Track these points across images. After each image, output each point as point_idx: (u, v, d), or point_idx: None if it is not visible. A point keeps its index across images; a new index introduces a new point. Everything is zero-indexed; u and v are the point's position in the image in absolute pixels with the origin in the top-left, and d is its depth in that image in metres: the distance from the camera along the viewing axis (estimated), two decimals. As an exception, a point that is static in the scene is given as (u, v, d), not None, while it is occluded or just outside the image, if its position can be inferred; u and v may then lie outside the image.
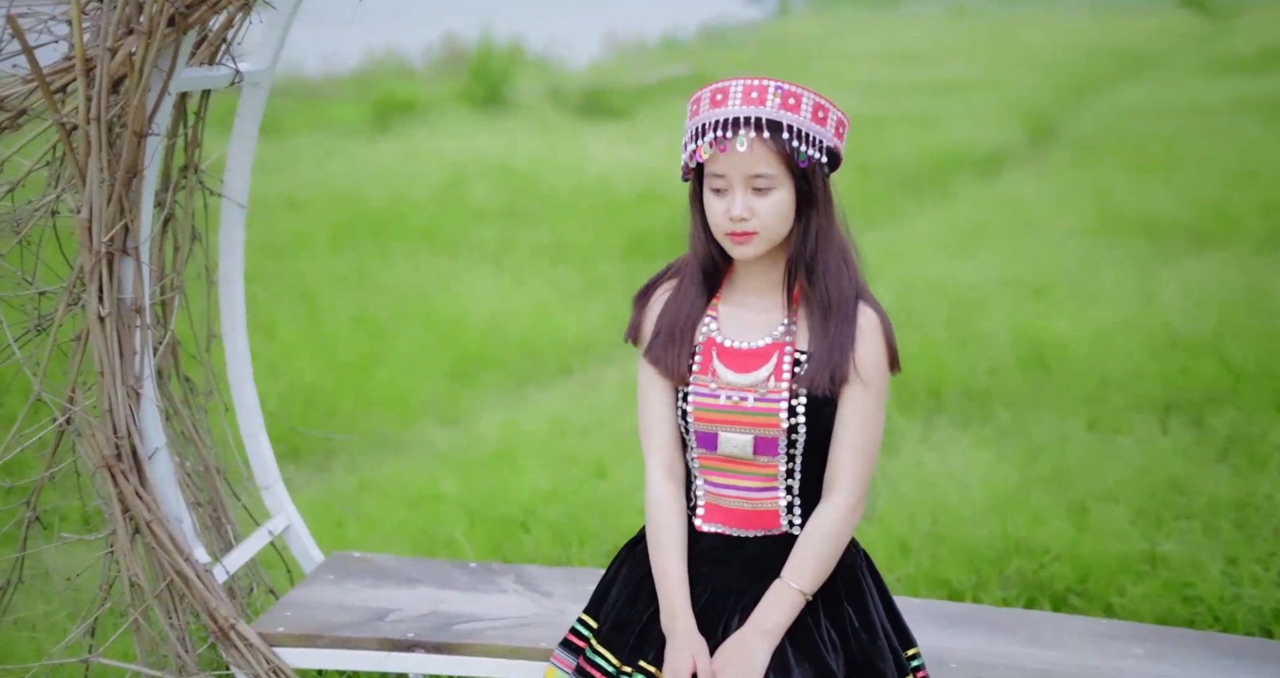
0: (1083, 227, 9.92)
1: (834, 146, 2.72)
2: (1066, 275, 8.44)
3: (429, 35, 20.30)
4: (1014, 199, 11.25)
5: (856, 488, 2.77)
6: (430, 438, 6.57)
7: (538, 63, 20.45)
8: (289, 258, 9.03)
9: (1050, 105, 16.72)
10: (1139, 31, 26.26)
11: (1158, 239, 9.51)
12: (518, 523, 5.41)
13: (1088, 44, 23.69)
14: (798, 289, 2.79)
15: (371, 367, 7.34)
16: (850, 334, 2.76)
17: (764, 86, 2.66)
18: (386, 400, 6.94)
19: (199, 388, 3.79)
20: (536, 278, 9.10)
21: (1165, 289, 7.91)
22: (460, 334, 7.88)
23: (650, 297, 2.96)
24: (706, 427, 2.79)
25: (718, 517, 2.84)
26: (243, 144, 3.57)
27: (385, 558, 3.86)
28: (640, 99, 16.70)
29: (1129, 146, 13.25)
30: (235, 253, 3.66)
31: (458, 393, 7.21)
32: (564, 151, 12.59)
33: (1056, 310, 7.59)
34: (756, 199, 2.67)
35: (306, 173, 11.47)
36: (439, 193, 10.95)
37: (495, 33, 18.76)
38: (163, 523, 3.15)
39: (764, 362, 2.77)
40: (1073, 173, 12.34)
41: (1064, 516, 4.96)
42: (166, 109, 3.09)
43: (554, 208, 10.64)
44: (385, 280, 8.83)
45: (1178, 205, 10.34)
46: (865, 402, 2.76)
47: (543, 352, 7.81)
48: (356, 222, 10.07)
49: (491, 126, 14.25)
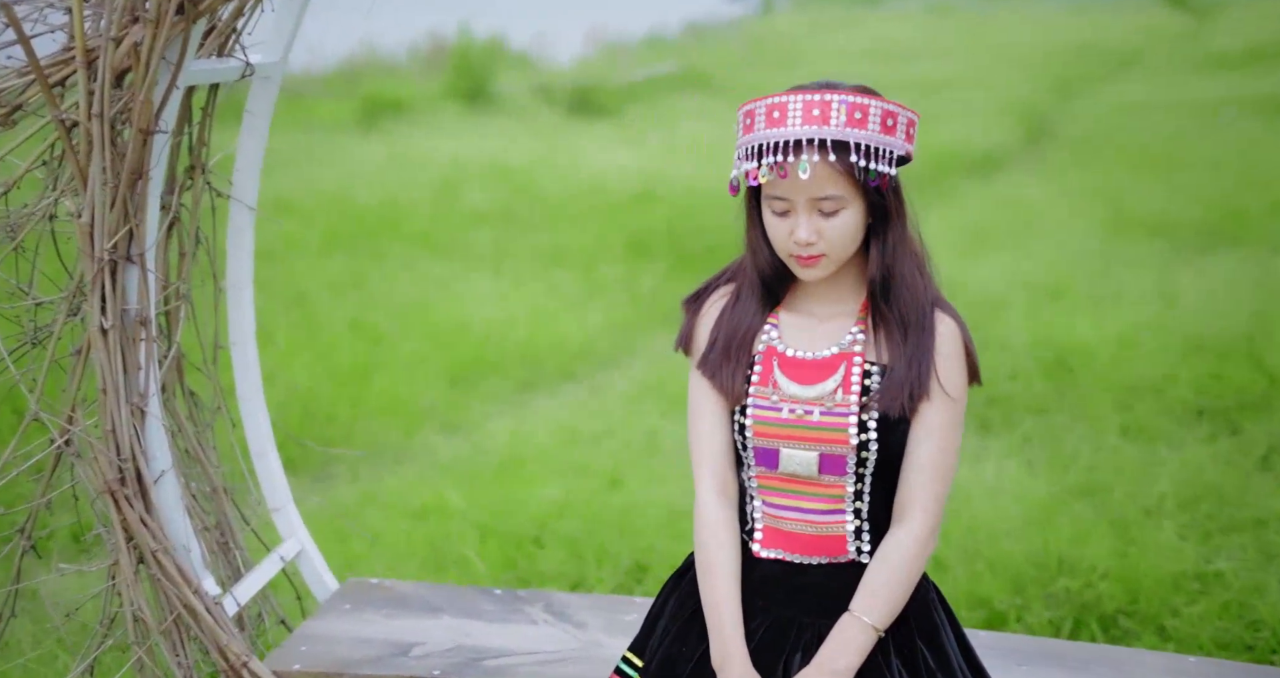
0: (1092, 227, 9.72)
1: (906, 152, 2.48)
2: (1081, 276, 8.23)
3: (411, 31, 20.07)
4: (1017, 199, 11.05)
5: (932, 513, 2.53)
6: (433, 447, 6.33)
7: (522, 60, 20.22)
8: (281, 262, 8.78)
9: (1041, 103, 16.54)
10: (1122, 29, 26.13)
11: (1170, 239, 9.29)
12: (530, 538, 5.18)
13: (1071, 41, 23.55)
14: (866, 299, 2.57)
15: (370, 373, 7.10)
16: (929, 346, 2.53)
17: (826, 102, 2.41)
18: (386, 408, 6.71)
19: (205, 403, 3.53)
20: (535, 281, 8.87)
21: (1186, 290, 7.70)
22: (459, 339, 7.64)
23: (704, 302, 2.73)
24: (767, 443, 2.55)
25: (777, 541, 2.60)
26: (253, 142, 3.33)
27: (404, 584, 3.61)
28: (628, 97, 16.47)
29: (1128, 145, 13.06)
30: (244, 258, 3.41)
31: (459, 400, 6.98)
32: (556, 151, 12.37)
33: (1076, 313, 7.37)
34: (823, 220, 2.45)
35: (295, 173, 11.21)
36: (432, 194, 10.71)
37: (479, 29, 18.51)
38: (169, 552, 2.90)
39: (830, 373, 2.54)
40: (1074, 172, 12.14)
41: (1107, 531, 4.74)
42: (174, 104, 2.84)
43: (550, 210, 10.41)
44: (381, 285, 8.59)
45: (1186, 204, 10.14)
46: (943, 419, 2.53)
47: (544, 357, 7.59)
48: (349, 224, 9.82)
49: (481, 126, 14.00)
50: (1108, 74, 19.83)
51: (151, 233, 2.89)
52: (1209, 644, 4.08)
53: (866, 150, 2.41)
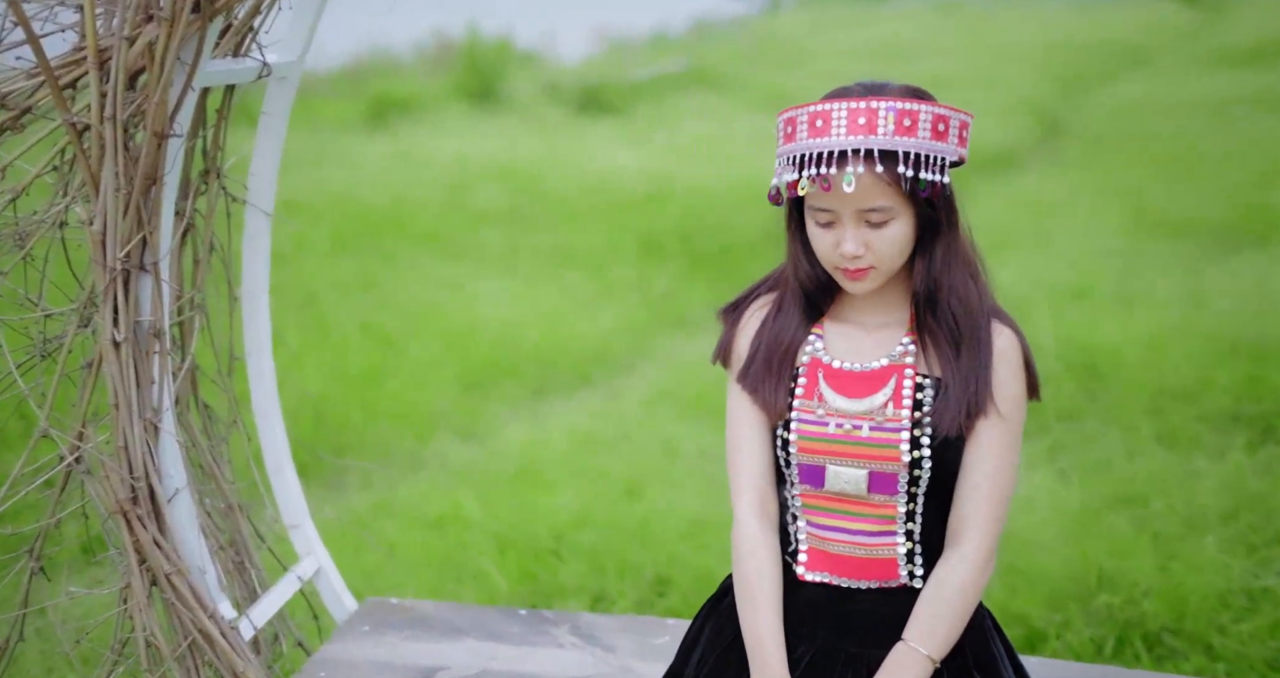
0: (1113, 225, 9.55)
1: (959, 157, 2.34)
2: (1105, 277, 8.06)
3: (417, 30, 19.94)
4: (1034, 198, 10.88)
5: (990, 536, 2.39)
6: (447, 453, 6.20)
7: (529, 58, 20.08)
8: (290, 264, 8.63)
9: (1051, 101, 16.38)
10: (1128, 25, 25.93)
11: (1194, 237, 9.13)
12: (549, 550, 5.05)
13: (1077, 39, 23.37)
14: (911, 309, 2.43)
15: (382, 377, 6.97)
16: (986, 360, 2.39)
17: (873, 110, 2.26)
18: (398, 413, 6.58)
19: (219, 416, 3.39)
20: (546, 283, 8.73)
21: (1215, 290, 7.52)
22: (471, 343, 7.51)
23: (743, 312, 2.59)
24: (812, 459, 2.41)
25: (823, 564, 2.46)
26: (269, 145, 3.19)
27: (425, 604, 3.46)
28: (635, 96, 16.31)
29: (1144, 142, 12.89)
30: (260, 265, 3.27)
31: (472, 404, 6.85)
32: (564, 150, 12.20)
33: (1102, 314, 7.21)
34: (871, 232, 2.31)
35: (302, 174, 11.06)
36: (440, 194, 10.56)
37: (485, 28, 18.37)
38: (184, 575, 2.75)
39: (880, 386, 2.40)
40: (1090, 170, 11.97)
41: (1147, 544, 4.58)
42: (189, 106, 2.70)
43: (559, 209, 10.26)
44: (391, 287, 8.44)
45: (1208, 202, 9.97)
46: (1002, 437, 2.39)
47: (558, 360, 7.45)
48: (357, 225, 9.67)
49: (488, 125, 13.83)
50: (1116, 71, 19.66)
51: (166, 240, 2.75)
52: (1261, 665, 3.93)
53: (916, 159, 2.27)
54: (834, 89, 2.38)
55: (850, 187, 2.23)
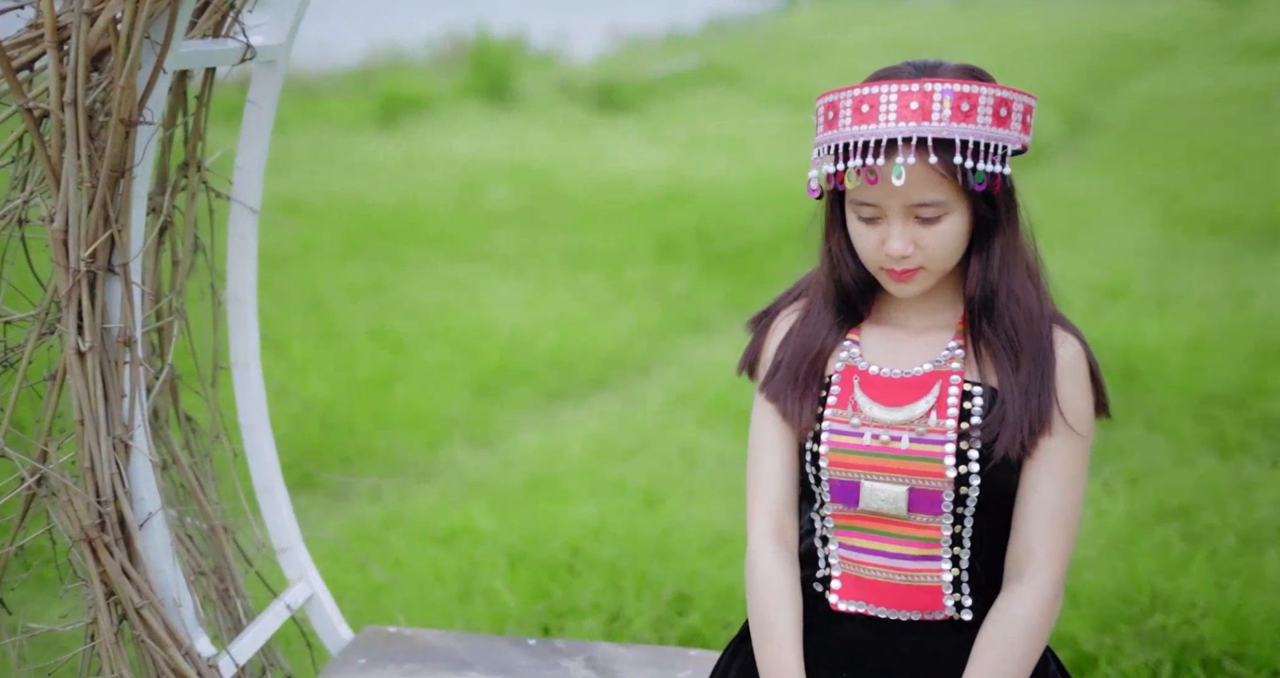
0: (1147, 222, 9.25)
1: (1022, 146, 2.08)
2: (1142, 276, 7.76)
3: (430, 29, 19.77)
4: (1064, 195, 10.57)
5: (1057, 570, 2.13)
6: (459, 462, 5.94)
7: (543, 57, 19.87)
8: (296, 266, 8.38)
9: (1076, 96, 16.08)
10: (1151, 20, 25.67)
11: (1230, 234, 8.82)
12: (564, 565, 4.78)
13: (1100, 34, 23.09)
14: (964, 313, 2.18)
15: (391, 383, 6.71)
16: (1049, 372, 2.13)
17: (927, 93, 2.00)
18: (409, 420, 6.31)
19: (202, 428, 3.11)
20: (561, 285, 8.46)
21: (1258, 289, 7.22)
22: (484, 347, 7.25)
23: (773, 320, 2.33)
24: (845, 474, 2.16)
25: (858, 592, 2.20)
26: (256, 135, 2.91)
27: (427, 634, 3.18)
28: (650, 94, 16.07)
29: (1174, 137, 12.60)
30: (247, 266, 2.99)
31: (485, 411, 6.59)
32: (579, 149, 11.94)
33: (1140, 315, 6.90)
34: (921, 229, 2.06)
35: (310, 174, 10.82)
36: (452, 195, 10.30)
37: (498, 26, 18.18)
38: (157, 609, 2.47)
39: (923, 393, 2.15)
40: (1121, 165, 11.68)
41: (1203, 561, 4.28)
42: (162, 91, 2.42)
43: (574, 210, 9.99)
44: (401, 289, 8.18)
45: (1245, 198, 9.65)
46: (1068, 458, 2.13)
47: (574, 364, 7.18)
48: (367, 226, 9.41)
49: (501, 124, 13.58)
50: (1142, 66, 19.38)
51: (137, 240, 2.48)
52: (1332, 692, 3.66)
53: (974, 148, 2.01)
54: (879, 70, 2.12)
55: (900, 179, 1.98)
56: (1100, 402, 2.22)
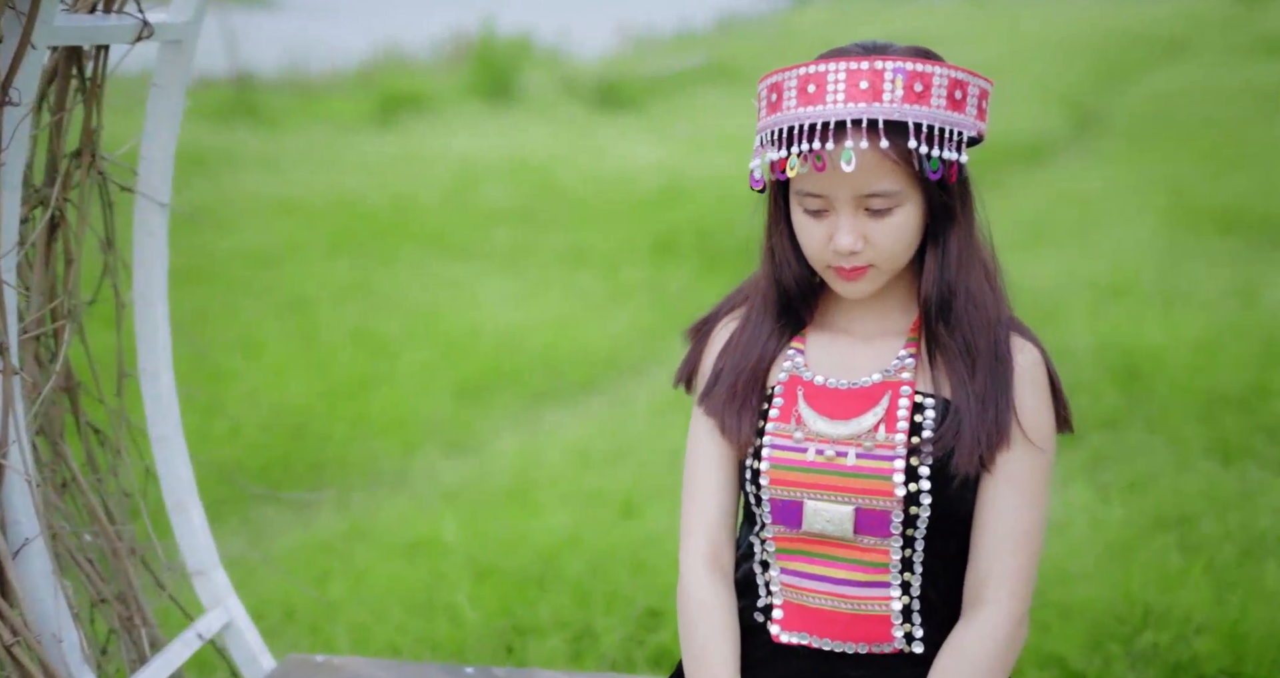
0: (1155, 219, 9.00)
1: (977, 132, 1.91)
2: (1147, 274, 7.52)
3: (435, 28, 19.68)
4: (1071, 191, 10.37)
5: (1020, 596, 1.95)
6: (434, 470, 5.71)
7: (549, 54, 19.74)
8: (282, 266, 8.18)
9: (1087, 91, 15.88)
10: (1166, 15, 25.48)
11: (1240, 232, 8.58)
12: (534, 579, 4.57)
13: (1110, 30, 22.94)
14: (918, 317, 2.00)
15: (371, 387, 6.49)
16: (1008, 381, 1.94)
17: (878, 71, 1.82)
18: (386, 426, 6.10)
19: (110, 441, 2.87)
20: (555, 284, 8.26)
21: (1266, 288, 6.97)
22: (472, 348, 7.05)
23: (713, 328, 2.16)
24: (787, 493, 1.97)
25: (802, 622, 2.01)
26: (162, 123, 2.69)
27: (354, 663, 2.94)
28: (654, 91, 15.89)
29: (1185, 133, 12.36)
30: (156, 266, 2.76)
31: (467, 416, 6.37)
32: (580, 147, 11.74)
33: (1144, 314, 6.67)
34: (870, 222, 1.88)
35: (305, 173, 10.65)
36: (448, 193, 10.11)
37: (504, 24, 18.07)
38: (31, 646, 2.24)
39: (871, 405, 1.96)
40: (1130, 161, 11.45)
41: (1200, 573, 4.06)
42: (34, 69, 2.20)
43: (572, 208, 9.79)
44: (389, 289, 7.97)
45: (1255, 195, 9.42)
46: (1028, 474, 1.95)
47: (563, 366, 6.97)
48: (359, 225, 9.22)
49: (502, 121, 13.40)
50: (1155, 61, 19.15)
51: (9, 235, 2.26)
52: (1335, 715, 3.44)
53: (929, 132, 1.84)
54: (827, 51, 1.94)
55: (850, 165, 1.81)
56: (1062, 415, 2.04)
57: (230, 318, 7.17)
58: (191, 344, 6.73)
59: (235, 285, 7.75)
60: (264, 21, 26.96)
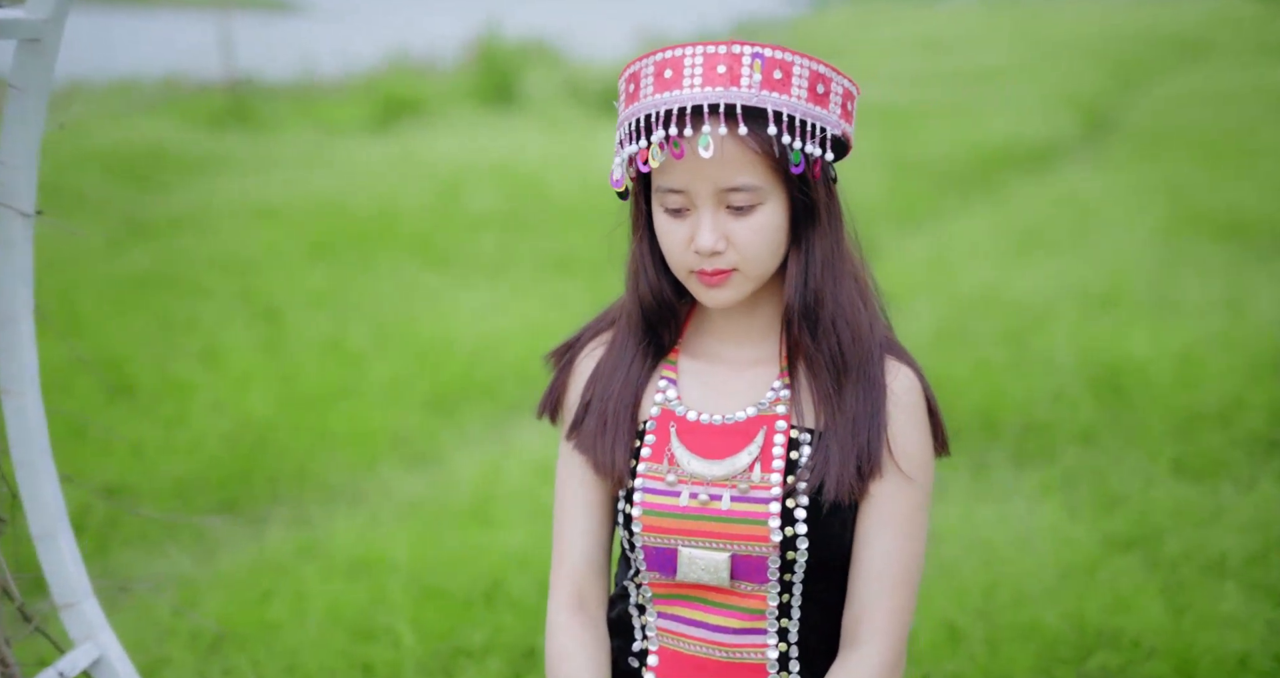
0: (1155, 226, 8.81)
1: (842, 133, 1.80)
2: (1140, 283, 7.35)
3: (454, 30, 19.64)
4: (1072, 196, 10.19)
5: (895, 634, 1.84)
6: (394, 485, 5.57)
7: (565, 60, 19.66)
8: (258, 272, 8.05)
9: (1099, 94, 15.72)
10: (1185, 17, 25.35)
11: (1243, 240, 8.38)
12: (480, 598, 4.43)
13: (1132, 32, 22.82)
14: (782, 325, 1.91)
15: (338, 398, 6.35)
16: (879, 405, 1.84)
17: (736, 56, 1.75)
18: (350, 439, 5.96)
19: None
20: (537, 292, 8.11)
21: (1258, 299, 6.79)
22: (445, 358, 6.90)
23: (577, 355, 2.10)
24: (661, 540, 1.89)
25: (677, 670, 1.90)
26: (22, 126, 2.55)
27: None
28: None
29: (1195, 138, 12.17)
30: (19, 281, 2.62)
31: (435, 428, 6.22)
32: (573, 152, 11.60)
33: (1131, 325, 6.49)
34: (733, 221, 1.80)
35: (294, 178, 10.53)
36: (436, 199, 9.97)
37: (519, 27, 18.02)
38: None
39: (745, 442, 1.86)
40: (1136, 167, 11.26)
41: (1157, 592, 3.90)
42: None
43: (559, 214, 9.64)
44: (366, 298, 7.83)
45: (1261, 201, 9.23)
46: (903, 505, 1.85)
47: (536, 376, 6.75)
48: (342, 231, 9.07)
49: (499, 125, 13.26)
50: (1173, 63, 18.99)
51: None
52: (1286, 746, 3.27)
53: (790, 123, 1.74)
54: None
55: (708, 151, 1.73)
56: (939, 439, 1.92)
57: (196, 326, 7.04)
58: (155, 354, 6.64)
59: (205, 293, 7.62)
60: (278, 26, 27.02)
